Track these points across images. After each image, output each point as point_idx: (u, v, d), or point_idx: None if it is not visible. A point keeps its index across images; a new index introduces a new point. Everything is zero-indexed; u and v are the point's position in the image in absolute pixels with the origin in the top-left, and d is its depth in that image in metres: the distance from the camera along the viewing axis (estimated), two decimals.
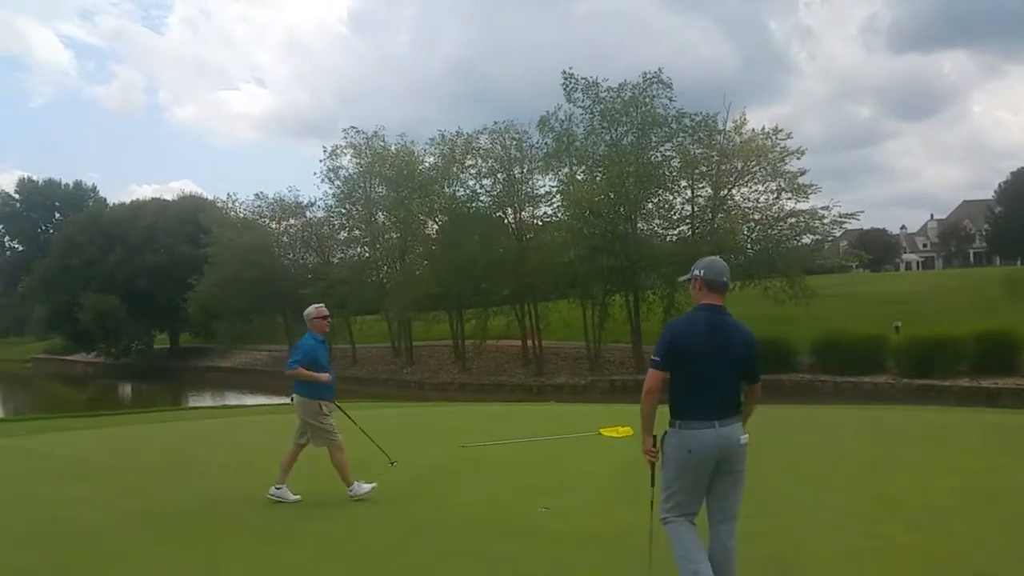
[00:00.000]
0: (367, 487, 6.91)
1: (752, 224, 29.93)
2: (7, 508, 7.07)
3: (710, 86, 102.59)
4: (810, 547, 5.15)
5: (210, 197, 58.26)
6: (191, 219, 52.05)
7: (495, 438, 10.39)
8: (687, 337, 3.76)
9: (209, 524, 6.20)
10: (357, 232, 39.68)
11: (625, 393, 28.55)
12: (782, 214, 29.57)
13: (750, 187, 30.05)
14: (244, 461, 9.61)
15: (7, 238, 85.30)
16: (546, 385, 30.72)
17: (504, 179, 33.48)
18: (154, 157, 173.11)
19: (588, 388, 29.13)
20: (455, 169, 34.32)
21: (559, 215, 32.50)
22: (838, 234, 36.61)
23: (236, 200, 47.59)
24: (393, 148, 37.12)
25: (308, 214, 43.56)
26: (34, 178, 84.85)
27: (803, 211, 29.35)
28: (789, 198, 29.53)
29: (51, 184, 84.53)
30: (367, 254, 39.91)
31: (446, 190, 34.98)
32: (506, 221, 34.43)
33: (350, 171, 38.64)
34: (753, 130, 29.72)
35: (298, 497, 6.80)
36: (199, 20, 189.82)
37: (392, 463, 7.77)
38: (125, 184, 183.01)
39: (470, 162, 34.26)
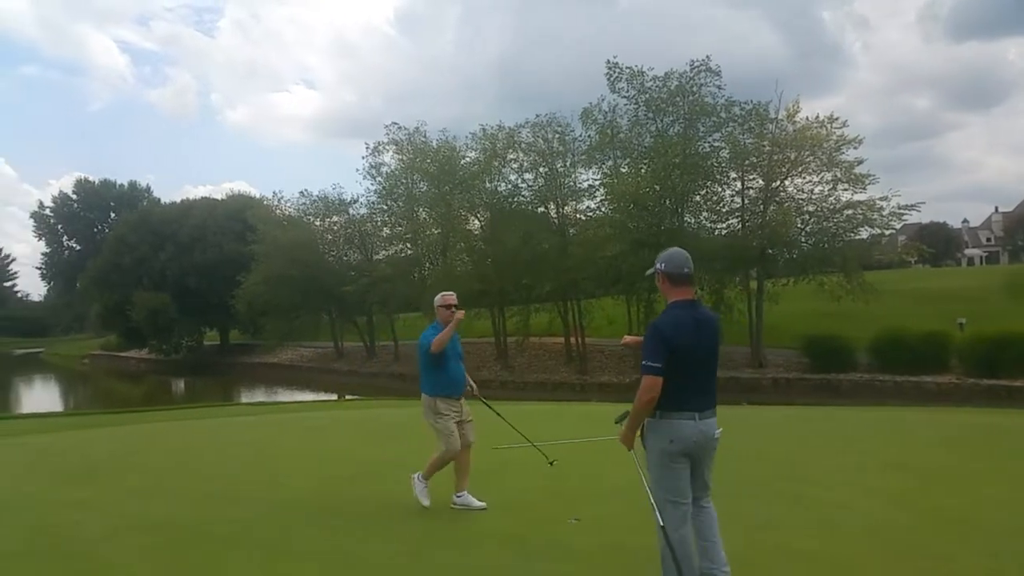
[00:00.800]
0: (426, 500, 6.36)
1: (806, 216, 28.72)
2: (3, 513, 6.76)
3: (760, 79, 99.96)
4: (871, 570, 4.53)
5: (258, 195, 59.11)
6: (239, 217, 52.55)
7: (529, 440, 9.87)
8: (677, 337, 3.80)
9: (213, 533, 5.78)
10: (399, 228, 39.32)
11: None
12: (838, 206, 28.29)
13: (804, 178, 28.86)
14: (261, 462, 9.23)
15: (65, 237, 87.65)
16: (589, 383, 30.00)
17: (546, 173, 32.80)
18: (208, 159, 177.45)
19: (632, 387, 28.07)
20: (496, 163, 33.74)
21: (602, 209, 31.73)
22: (898, 227, 35.08)
23: (281, 198, 47.98)
24: (434, 143, 36.75)
25: (351, 211, 43.52)
26: (90, 178, 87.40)
27: (860, 202, 28.03)
28: (845, 189, 28.26)
29: (107, 184, 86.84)
30: (409, 251, 39.62)
31: (487, 185, 34.48)
32: (549, 216, 33.81)
33: (392, 167, 38.44)
34: (807, 118, 28.57)
35: (483, 504, 6.27)
36: (249, 23, 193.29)
37: (551, 463, 7.18)
38: (180, 185, 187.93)
39: (512, 156, 33.70)
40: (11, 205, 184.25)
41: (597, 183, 31.90)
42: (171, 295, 54.88)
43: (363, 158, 39.16)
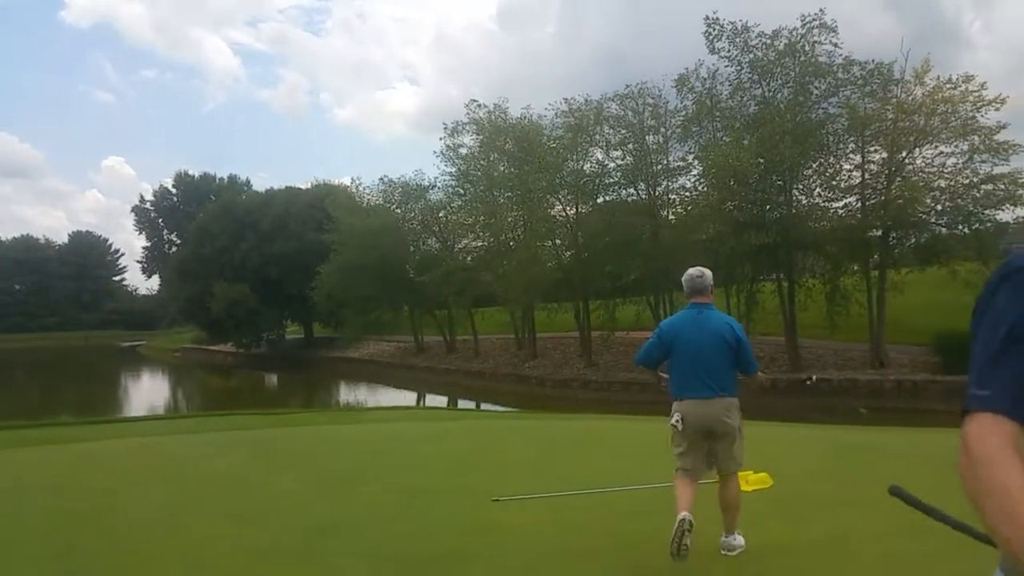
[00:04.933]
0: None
1: (937, 193, 24.60)
2: None
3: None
4: None
5: (337, 183, 58.07)
6: (320, 206, 51.20)
7: (554, 484, 7.05)
8: None
9: None
10: (481, 217, 36.57)
11: (776, 395, 24.30)
12: (975, 180, 24.08)
13: (934, 148, 24.75)
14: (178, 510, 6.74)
15: (166, 231, 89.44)
16: None
17: (634, 150, 29.64)
18: (319, 156, 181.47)
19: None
20: (581, 139, 30.71)
21: (699, 187, 28.32)
22: None
23: (359, 184, 46.51)
24: (514, 119, 33.94)
25: (430, 195, 41.19)
26: (190, 172, 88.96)
27: (1002, 176, 23.69)
28: (983, 160, 23.98)
29: (206, 178, 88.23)
30: (489, 238, 36.98)
31: (571, 164, 31.55)
32: (639, 197, 30.61)
33: (471, 148, 35.88)
34: (939, 78, 24.45)
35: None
36: (356, 23, 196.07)
37: None
38: (293, 183, 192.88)
39: (602, 132, 30.60)
40: (130, 203, 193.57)
41: (692, 157, 28.53)
42: (251, 286, 54.26)
43: (440, 139, 36.78)
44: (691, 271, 5.16)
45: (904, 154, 24.88)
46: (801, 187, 26.25)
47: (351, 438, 12.10)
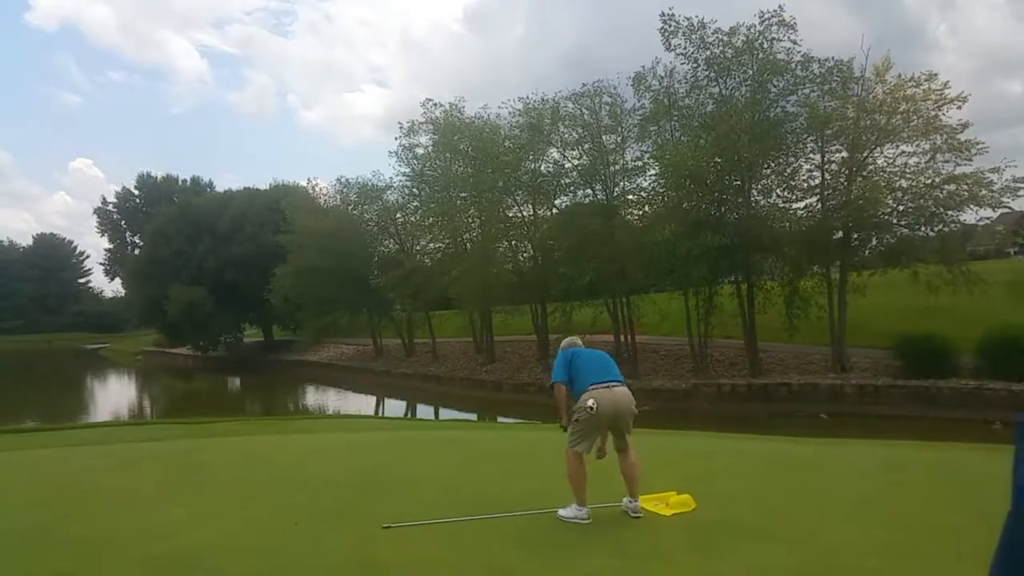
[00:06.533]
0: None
1: (898, 193, 24.06)
2: None
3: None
4: None
5: (295, 184, 56.97)
6: (278, 208, 50.11)
7: (459, 507, 6.48)
8: None
9: None
10: (438, 218, 35.57)
11: (735, 400, 23.79)
12: (937, 180, 23.57)
13: (896, 148, 24.24)
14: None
15: (128, 233, 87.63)
16: (640, 389, 25.98)
17: (592, 149, 28.84)
18: (287, 158, 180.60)
19: (691, 393, 24.33)
20: (538, 139, 29.73)
21: (656, 188, 27.58)
22: (1012, 203, 29.64)
23: (316, 185, 45.54)
24: (467, 119, 33.02)
25: (386, 196, 40.20)
26: (153, 174, 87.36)
27: (965, 176, 23.18)
28: (946, 160, 23.50)
29: (169, 180, 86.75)
30: (447, 240, 36.09)
31: (528, 164, 30.61)
32: (596, 198, 29.86)
33: (427, 148, 34.96)
34: (900, 76, 23.94)
35: None
36: (322, 25, 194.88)
37: None
38: (261, 185, 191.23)
39: (558, 132, 29.79)
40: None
41: (648, 155, 27.76)
42: (208, 289, 53.07)
43: (396, 139, 35.89)
44: (576, 338, 6.63)
45: (865, 153, 24.31)
46: (760, 187, 25.58)
47: (260, 451, 11.20)
